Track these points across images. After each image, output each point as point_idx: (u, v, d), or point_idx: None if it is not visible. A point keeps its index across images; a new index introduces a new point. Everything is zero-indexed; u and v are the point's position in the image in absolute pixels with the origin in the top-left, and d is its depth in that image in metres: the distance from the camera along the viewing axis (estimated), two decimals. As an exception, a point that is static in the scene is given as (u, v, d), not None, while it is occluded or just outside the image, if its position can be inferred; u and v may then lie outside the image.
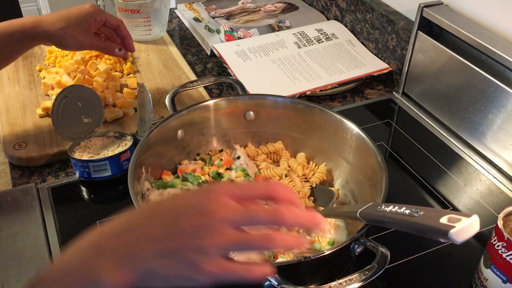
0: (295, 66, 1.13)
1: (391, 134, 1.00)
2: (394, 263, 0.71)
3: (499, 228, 0.60)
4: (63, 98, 0.81)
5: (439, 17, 0.95)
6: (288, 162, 0.84)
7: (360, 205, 0.59)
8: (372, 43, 1.19)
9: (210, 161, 0.81)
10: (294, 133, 0.84)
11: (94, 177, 0.82)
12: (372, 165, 0.71)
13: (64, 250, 0.46)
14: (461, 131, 0.96)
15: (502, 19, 0.90)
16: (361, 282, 0.54)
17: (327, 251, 0.59)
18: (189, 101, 1.01)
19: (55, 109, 0.81)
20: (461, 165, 0.92)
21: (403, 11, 1.12)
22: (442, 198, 0.84)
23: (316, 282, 0.61)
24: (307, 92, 1.06)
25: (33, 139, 0.91)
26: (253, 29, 1.30)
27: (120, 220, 0.47)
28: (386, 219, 0.54)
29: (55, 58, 1.14)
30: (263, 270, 0.45)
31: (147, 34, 1.24)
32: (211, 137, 0.85)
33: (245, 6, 1.42)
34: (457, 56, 0.93)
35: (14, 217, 0.77)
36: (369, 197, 0.71)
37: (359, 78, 1.11)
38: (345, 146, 0.78)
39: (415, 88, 1.06)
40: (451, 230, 0.45)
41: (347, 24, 1.28)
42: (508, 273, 0.61)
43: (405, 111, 1.05)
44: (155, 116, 0.95)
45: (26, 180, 0.86)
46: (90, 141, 0.85)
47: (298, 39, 1.22)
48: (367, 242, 0.59)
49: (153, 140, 0.74)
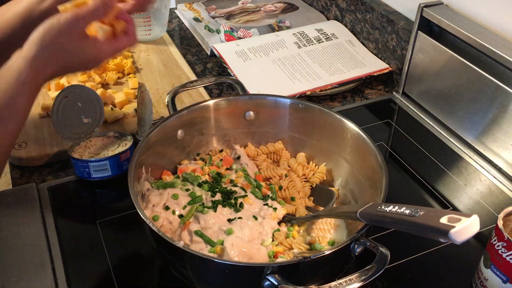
0: (295, 66, 1.13)
1: (391, 134, 1.00)
2: (394, 263, 0.71)
3: (499, 228, 0.60)
4: (63, 98, 0.81)
5: (439, 17, 0.95)
6: (288, 162, 0.84)
7: (360, 205, 0.59)
8: (372, 43, 1.19)
9: (210, 161, 0.81)
10: (294, 133, 0.84)
11: (94, 177, 0.82)
12: (372, 165, 0.71)
13: None
14: (461, 131, 0.96)
15: (502, 19, 0.90)
16: (361, 282, 0.54)
17: (327, 251, 0.59)
18: (189, 101, 1.01)
19: (55, 109, 0.81)
20: (461, 165, 0.92)
21: (403, 11, 1.12)
22: (442, 198, 0.84)
23: (316, 282, 0.61)
24: (307, 92, 1.06)
25: (33, 139, 0.91)
26: (253, 29, 1.30)
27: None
28: (386, 219, 0.54)
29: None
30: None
31: (147, 34, 1.24)
32: (211, 137, 0.85)
33: (245, 6, 1.42)
34: (457, 56, 0.93)
35: (14, 217, 0.77)
36: (369, 197, 0.71)
37: (359, 78, 1.11)
38: (345, 146, 0.78)
39: (415, 88, 1.06)
40: (451, 230, 0.45)
41: (347, 24, 1.28)
42: (508, 273, 0.61)
43: (405, 111, 1.05)
44: (155, 116, 0.95)
45: (26, 180, 0.85)
46: (90, 141, 0.85)
47: (298, 39, 1.22)
48: (367, 242, 0.59)
49: (153, 140, 0.74)
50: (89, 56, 0.65)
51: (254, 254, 0.65)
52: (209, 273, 0.63)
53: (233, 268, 0.59)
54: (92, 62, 0.67)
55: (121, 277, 0.70)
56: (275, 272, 0.56)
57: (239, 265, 0.60)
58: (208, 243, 0.66)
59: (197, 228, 0.67)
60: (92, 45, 0.65)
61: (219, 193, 0.73)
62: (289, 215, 0.75)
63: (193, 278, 0.64)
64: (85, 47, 0.65)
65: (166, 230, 0.69)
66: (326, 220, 0.72)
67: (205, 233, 0.67)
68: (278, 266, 0.56)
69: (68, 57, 0.64)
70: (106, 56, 0.68)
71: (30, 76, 0.61)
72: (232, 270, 0.58)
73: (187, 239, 0.67)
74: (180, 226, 0.69)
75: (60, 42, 0.62)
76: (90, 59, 0.66)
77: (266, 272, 0.56)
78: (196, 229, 0.67)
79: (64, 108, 0.82)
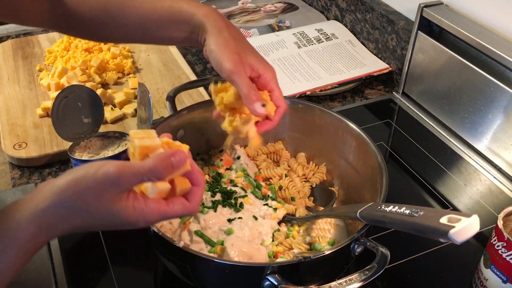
0: (295, 66, 1.13)
1: (391, 134, 1.00)
2: (394, 263, 0.71)
3: (499, 228, 0.60)
4: (63, 98, 0.81)
5: (439, 17, 0.95)
6: (288, 162, 0.84)
7: (360, 205, 0.59)
8: (372, 43, 1.19)
9: (210, 161, 0.81)
10: (294, 133, 0.84)
11: (94, 177, 0.82)
12: (372, 165, 0.71)
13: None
14: (461, 131, 0.96)
15: (502, 19, 0.90)
16: (361, 282, 0.54)
17: (327, 251, 0.59)
18: (189, 101, 1.01)
19: (55, 109, 0.80)
20: (461, 165, 0.92)
21: (403, 11, 1.12)
22: (442, 198, 0.84)
23: (316, 282, 0.61)
24: (307, 92, 1.06)
25: (33, 139, 0.91)
26: (253, 29, 1.30)
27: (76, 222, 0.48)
28: (386, 219, 0.54)
29: (55, 58, 1.14)
30: None
31: (147, 34, 1.24)
32: (211, 137, 0.85)
33: (245, 6, 1.42)
34: (457, 56, 0.93)
35: (14, 217, 0.76)
36: (369, 197, 0.71)
37: (359, 78, 1.11)
38: (345, 146, 0.78)
39: (415, 88, 1.06)
40: (451, 230, 0.45)
41: (347, 24, 1.28)
42: (508, 273, 0.61)
43: (405, 111, 1.05)
44: (155, 116, 0.95)
45: (26, 180, 0.85)
46: (90, 141, 0.85)
47: (298, 39, 1.22)
48: (367, 242, 0.59)
49: (153, 140, 0.74)
50: (120, 222, 0.48)
51: (254, 254, 0.65)
52: (209, 273, 0.63)
53: (233, 268, 0.59)
54: (124, 226, 0.49)
55: (121, 277, 0.70)
56: (275, 272, 0.56)
57: (239, 265, 0.60)
58: (208, 243, 0.66)
59: (197, 228, 0.67)
60: (131, 209, 0.48)
61: (219, 193, 0.73)
62: (289, 215, 0.75)
63: (193, 278, 0.64)
64: (118, 211, 0.47)
65: (166, 230, 0.69)
66: (326, 220, 0.72)
67: (205, 233, 0.67)
68: (278, 266, 0.56)
69: (90, 219, 0.48)
70: (147, 223, 0.50)
71: (29, 233, 0.46)
72: (232, 270, 0.58)
73: (187, 239, 0.67)
74: (180, 226, 0.69)
75: (85, 200, 0.46)
76: (121, 224, 0.49)
77: (266, 272, 0.56)
78: (196, 229, 0.67)
79: (64, 108, 0.82)
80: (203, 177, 0.53)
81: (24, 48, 1.20)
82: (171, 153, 0.48)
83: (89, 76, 1.07)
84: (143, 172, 0.47)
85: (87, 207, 0.47)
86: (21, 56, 1.17)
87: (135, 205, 0.48)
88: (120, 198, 0.47)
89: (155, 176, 0.47)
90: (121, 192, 0.47)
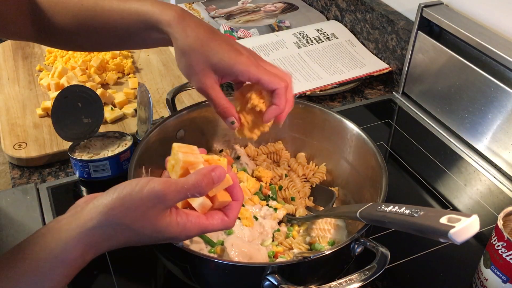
0: (295, 66, 1.13)
1: (391, 134, 1.00)
2: (394, 263, 0.71)
3: (499, 228, 0.60)
4: (63, 98, 0.81)
5: (439, 17, 0.95)
6: (288, 162, 0.84)
7: (360, 205, 0.59)
8: (372, 43, 1.19)
9: (210, 161, 0.81)
10: (294, 133, 0.84)
11: (94, 177, 0.82)
12: (372, 165, 0.71)
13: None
14: (461, 131, 0.96)
15: (502, 19, 0.90)
16: (361, 282, 0.54)
17: (327, 251, 0.59)
18: (189, 101, 1.01)
19: (55, 109, 0.81)
20: (461, 165, 0.92)
21: (403, 11, 1.12)
22: (442, 198, 0.84)
23: (316, 282, 0.61)
24: (307, 92, 1.06)
25: (33, 139, 0.91)
26: (253, 29, 1.30)
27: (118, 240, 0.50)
28: (386, 219, 0.54)
29: (55, 58, 1.14)
30: None
31: (147, 34, 1.24)
32: (211, 137, 0.85)
33: (245, 6, 1.42)
34: (457, 56, 0.93)
35: (14, 217, 0.77)
36: (369, 197, 0.71)
37: (359, 78, 1.11)
38: (345, 146, 0.78)
39: (415, 88, 1.06)
40: (451, 230, 0.45)
41: (347, 24, 1.28)
42: (508, 273, 0.61)
43: (405, 111, 1.05)
44: (155, 116, 0.95)
45: (26, 180, 0.85)
46: (90, 141, 0.85)
47: (298, 39, 1.22)
48: (367, 242, 0.59)
49: (153, 140, 0.74)
50: (163, 237, 0.50)
51: (254, 254, 0.65)
52: (209, 273, 0.63)
53: (233, 268, 0.58)
54: (166, 240, 0.52)
55: (121, 277, 0.70)
56: (275, 272, 0.56)
57: (239, 265, 0.60)
58: (208, 243, 0.66)
59: (197, 228, 0.67)
60: (174, 224, 0.49)
61: (219, 193, 0.73)
62: (289, 215, 0.75)
63: (193, 278, 0.64)
64: (163, 226, 0.49)
65: (166, 230, 0.69)
66: (326, 220, 0.72)
67: (205, 233, 0.67)
68: (278, 266, 0.56)
69: (135, 236, 0.49)
70: (187, 238, 0.52)
71: (77, 252, 0.48)
72: (232, 270, 0.58)
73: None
74: (180, 226, 0.69)
75: (131, 218, 0.48)
76: (164, 239, 0.51)
77: (266, 272, 0.56)
78: (196, 229, 0.67)
79: (64, 108, 0.82)
80: (242, 192, 0.55)
81: (24, 48, 1.20)
82: (211, 168, 0.50)
83: (89, 76, 1.07)
84: (187, 188, 0.49)
85: (133, 225, 0.48)
86: (21, 56, 1.17)
87: (179, 221, 0.50)
88: (164, 214, 0.49)
89: (198, 192, 0.49)
90: (165, 208, 0.49)
